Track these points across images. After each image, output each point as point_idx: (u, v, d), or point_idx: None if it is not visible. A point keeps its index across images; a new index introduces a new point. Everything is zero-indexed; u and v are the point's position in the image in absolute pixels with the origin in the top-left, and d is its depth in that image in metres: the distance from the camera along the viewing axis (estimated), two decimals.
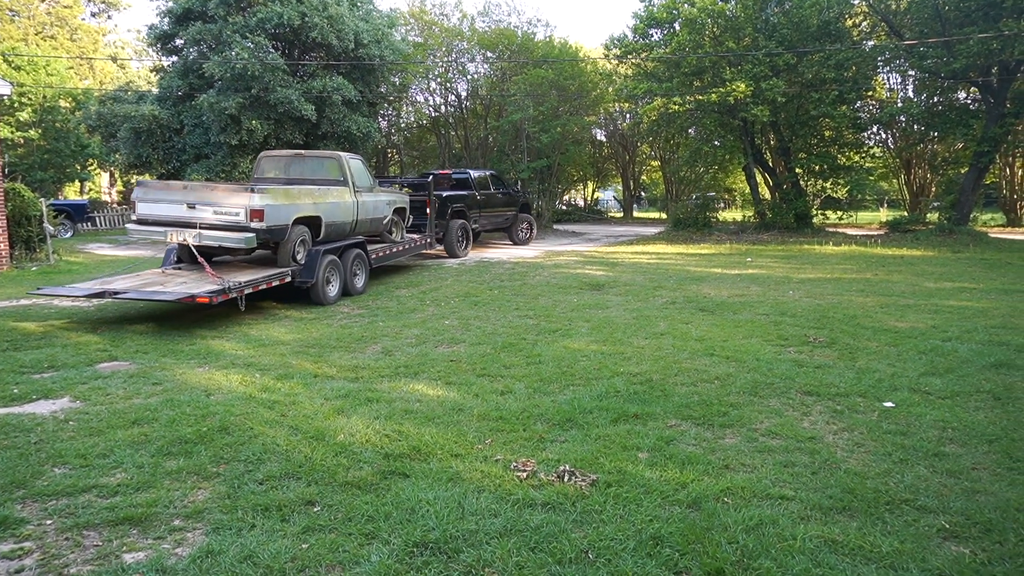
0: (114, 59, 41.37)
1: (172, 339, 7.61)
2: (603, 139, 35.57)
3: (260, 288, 8.77)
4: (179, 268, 9.73)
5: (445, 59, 27.76)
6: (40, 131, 27.26)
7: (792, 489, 3.77)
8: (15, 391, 5.68)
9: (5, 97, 17.16)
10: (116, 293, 8.19)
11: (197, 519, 3.47)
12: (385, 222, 12.26)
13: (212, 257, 9.72)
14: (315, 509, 3.55)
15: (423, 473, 3.97)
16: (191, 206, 8.96)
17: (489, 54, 27.80)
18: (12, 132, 26.31)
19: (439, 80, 28.39)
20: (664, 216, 33.48)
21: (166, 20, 20.15)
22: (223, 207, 8.82)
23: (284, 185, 10.57)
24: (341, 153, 11.40)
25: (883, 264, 14.65)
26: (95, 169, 33.98)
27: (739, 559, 3.02)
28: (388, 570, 2.93)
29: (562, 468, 3.97)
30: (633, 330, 8.01)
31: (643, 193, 45.96)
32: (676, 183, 33.54)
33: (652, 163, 37.77)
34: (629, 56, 23.84)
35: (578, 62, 26.98)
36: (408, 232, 13.80)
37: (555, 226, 27.61)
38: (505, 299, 10.30)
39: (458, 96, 29.33)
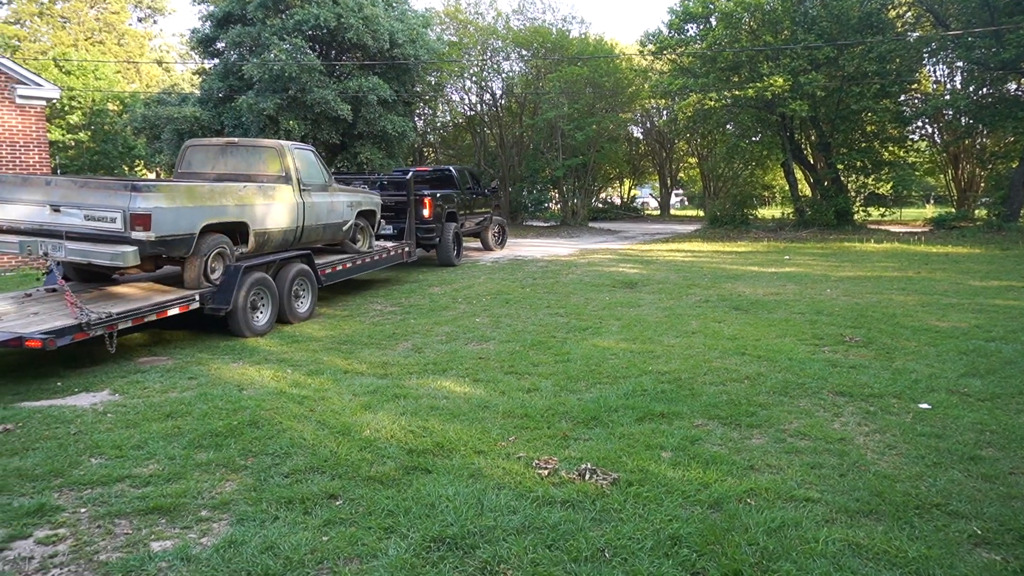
0: (159, 63, 42.47)
1: (209, 335, 7.79)
2: (639, 136, 35.30)
3: (145, 320, 6.71)
4: (54, 290, 7.37)
5: (480, 58, 27.83)
6: (89, 133, 28.11)
7: (818, 491, 3.70)
8: (59, 384, 5.88)
9: (55, 101, 17.77)
10: None
11: (223, 510, 3.55)
12: (346, 228, 10.10)
13: (113, 275, 7.97)
14: (337, 503, 3.60)
15: (445, 469, 4.00)
16: (55, 208, 6.86)
17: (524, 52, 27.78)
18: (63, 135, 27.18)
19: (474, 79, 28.47)
20: (701, 214, 33.08)
21: (208, 24, 20.60)
22: (96, 210, 6.72)
23: (210, 182, 8.24)
24: (284, 142, 9.11)
25: (926, 262, 14.24)
26: (141, 170, 34.99)
27: (758, 561, 2.98)
28: (404, 564, 2.96)
29: (584, 466, 3.96)
30: (664, 328, 7.93)
31: (680, 190, 45.47)
32: (713, 180, 33.10)
33: (689, 160, 37.34)
34: (664, 52, 23.61)
35: (613, 59, 26.80)
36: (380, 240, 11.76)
37: (590, 224, 27.50)
38: (537, 297, 10.30)
39: (493, 94, 29.38)
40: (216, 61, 21.68)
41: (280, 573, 2.91)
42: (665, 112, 31.57)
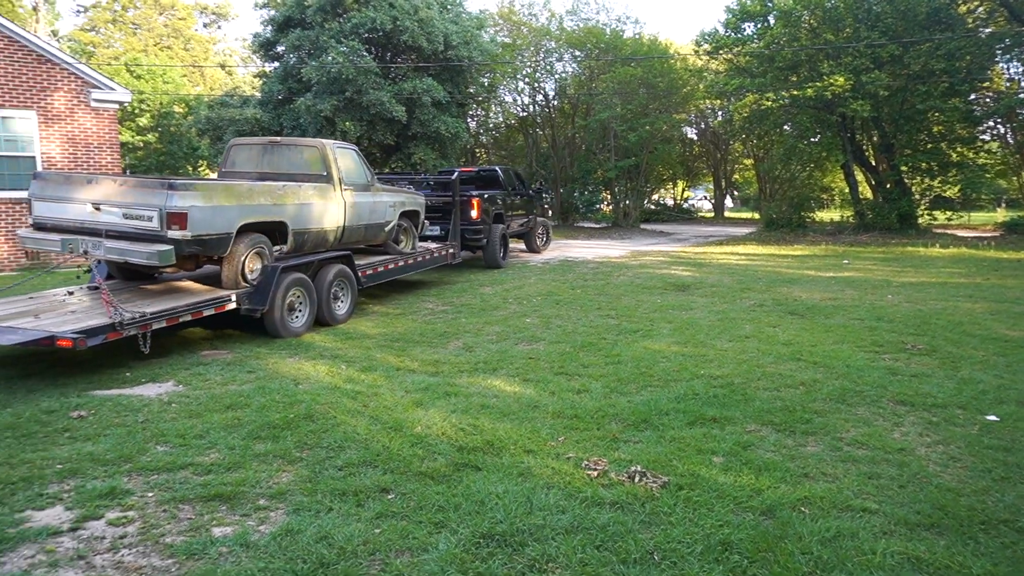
0: (222, 66, 43.87)
1: (266, 331, 8.00)
2: (693, 137, 34.81)
3: (180, 320, 6.69)
4: (96, 288, 7.20)
5: (533, 59, 27.87)
6: (157, 135, 29.25)
7: (876, 502, 3.60)
8: (128, 375, 6.15)
9: (127, 104, 18.55)
10: None
11: (280, 499, 3.66)
12: (388, 229, 9.95)
13: (155, 274, 7.96)
14: (389, 496, 3.68)
15: (495, 467, 4.04)
16: (96, 207, 6.87)
17: (577, 53, 27.71)
18: (133, 136, 28.34)
19: (527, 80, 28.54)
20: (757, 216, 32.41)
21: (269, 28, 21.23)
22: (134, 208, 6.70)
23: (252, 181, 8.22)
24: (326, 141, 8.97)
25: (996, 268, 13.64)
26: (204, 170, 36.21)
27: (811, 570, 2.92)
28: (454, 559, 3.01)
29: (633, 468, 3.95)
30: (717, 332, 7.82)
31: (735, 192, 44.63)
32: (770, 182, 32.37)
33: (745, 161, 36.63)
34: (720, 51, 23.23)
35: (667, 59, 26.50)
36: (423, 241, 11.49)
37: (642, 225, 27.24)
38: (587, 298, 10.27)
39: (546, 95, 29.39)
40: (276, 64, 22.32)
41: (334, 562, 2.99)
42: (720, 113, 31.06)
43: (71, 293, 7.46)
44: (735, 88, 21.78)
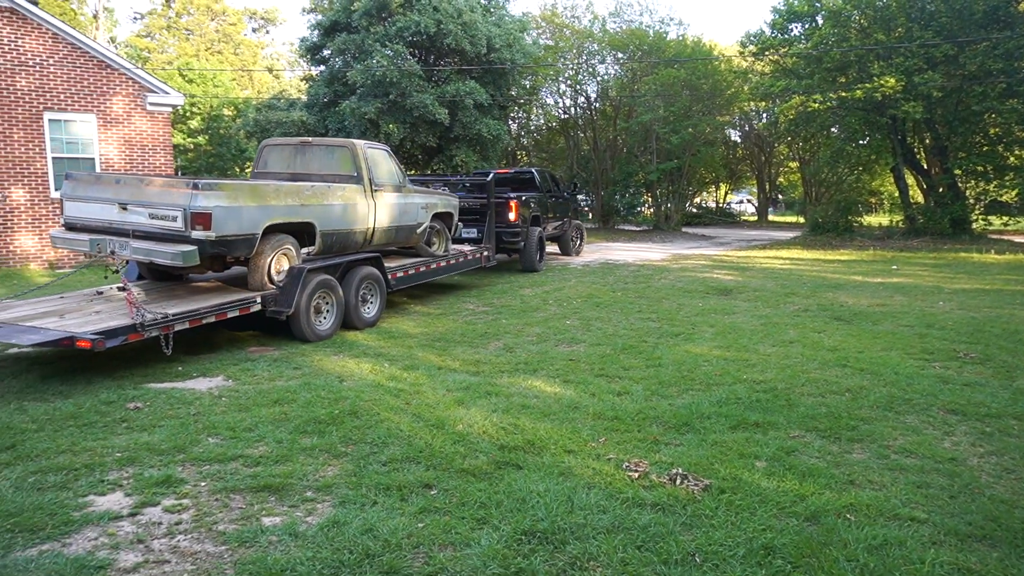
0: (270, 70, 44.88)
1: None
2: (737, 139, 34.34)
3: (204, 322, 6.60)
4: (124, 289, 6.87)
5: (575, 61, 27.85)
6: (207, 137, 30.06)
7: (925, 511, 3.52)
8: (179, 369, 6.36)
9: (179, 107, 19.13)
10: None
11: (326, 492, 3.76)
12: (420, 231, 9.76)
13: (183, 275, 7.94)
14: (432, 492, 3.74)
15: (536, 466, 4.07)
16: (123, 206, 6.84)
17: (620, 55, 27.59)
18: (184, 138, 29.18)
19: (569, 82, 28.52)
20: (801, 220, 31.80)
21: (316, 32, 21.66)
22: (159, 208, 6.66)
23: (283, 181, 8.18)
24: (356, 141, 8.81)
25: None
26: (251, 172, 37.02)
27: None
28: (496, 554, 3.05)
29: (675, 471, 3.94)
30: (760, 337, 7.72)
31: (779, 196, 43.84)
32: (815, 185, 31.74)
33: (790, 164, 35.97)
34: (766, 52, 22.88)
35: (711, 60, 26.20)
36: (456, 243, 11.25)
37: (684, 229, 26.98)
38: (628, 301, 10.24)
39: (587, 98, 29.33)
40: (322, 68, 22.76)
41: (379, 554, 3.06)
42: (765, 115, 30.57)
43: (100, 293, 7.51)
44: (781, 90, 21.43)
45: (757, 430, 4.71)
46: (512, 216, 12.85)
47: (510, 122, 27.32)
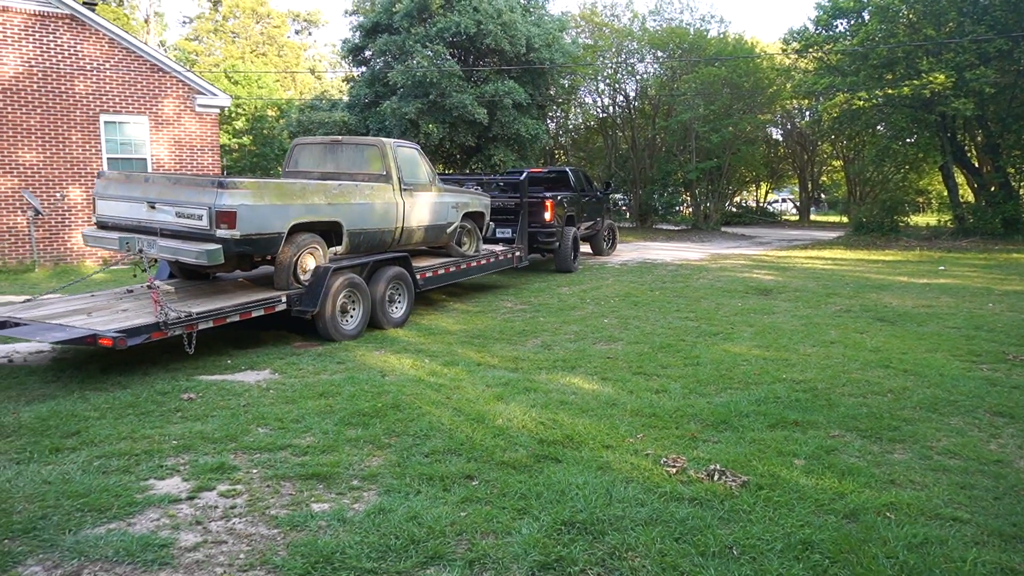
0: (312, 71, 45.68)
1: None
2: (779, 138, 33.80)
3: (228, 321, 6.58)
4: (154, 287, 6.58)
5: (614, 60, 27.75)
6: (251, 138, 30.77)
7: (968, 512, 3.50)
8: (229, 362, 6.59)
9: (226, 108, 19.65)
10: (16, 324, 6.22)
11: (371, 481, 3.89)
12: (451, 230, 9.66)
13: (210, 274, 7.95)
14: (473, 483, 3.85)
15: (574, 460, 4.15)
16: (152, 205, 6.83)
17: (659, 53, 27.41)
18: (229, 139, 29.92)
19: (608, 81, 28.43)
20: (845, 220, 31.17)
21: (357, 34, 22.01)
22: (186, 207, 6.65)
23: (318, 180, 8.19)
24: (386, 140, 8.75)
25: None
26: None
27: (896, 574, 2.89)
28: (537, 543, 3.14)
29: (712, 467, 3.98)
30: (800, 337, 7.66)
31: (822, 195, 42.99)
32: (860, 184, 31.05)
33: (834, 163, 35.26)
34: (810, 50, 22.48)
35: (753, 58, 25.86)
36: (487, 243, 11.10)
37: (723, 228, 26.69)
38: (666, 300, 10.23)
39: (626, 96, 29.20)
40: (363, 69, 23.12)
41: (424, 540, 3.18)
42: (808, 113, 30.04)
43: (130, 291, 7.59)
44: (824, 87, 21.05)
45: (796, 429, 4.71)
46: (548, 216, 12.72)
47: (548, 121, 27.35)
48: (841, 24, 21.91)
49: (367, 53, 22.24)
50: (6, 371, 6.25)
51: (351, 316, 7.71)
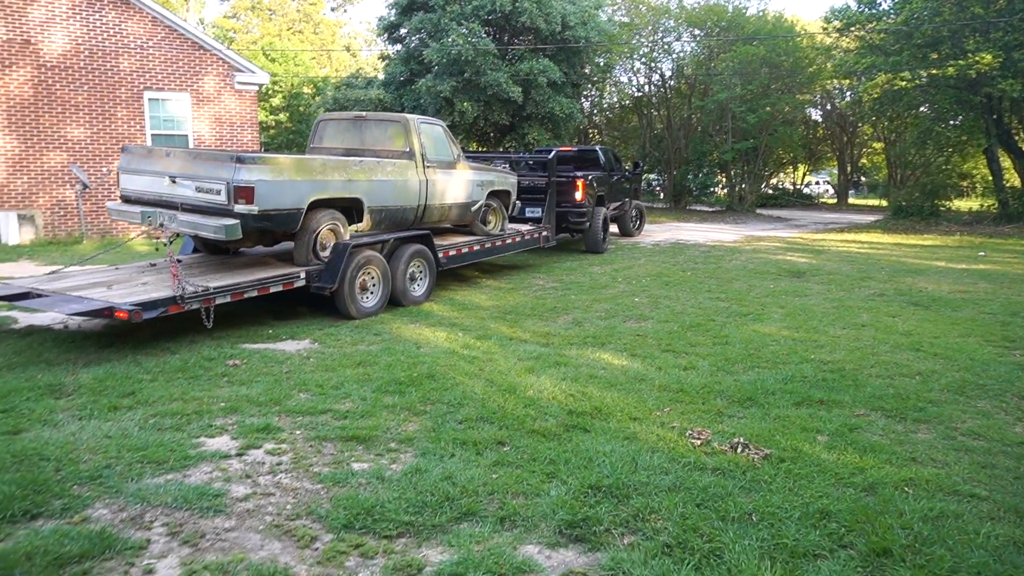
0: (347, 49, 45.90)
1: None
2: (818, 119, 33.15)
3: (246, 296, 6.65)
4: (178, 261, 6.77)
5: (650, 38, 27.43)
6: (287, 115, 31.16)
7: (986, 489, 3.58)
8: (271, 332, 6.87)
9: (264, 86, 19.96)
10: (39, 295, 6.38)
11: (408, 444, 4.10)
12: (475, 208, 9.57)
13: (231, 249, 8.01)
14: (504, 448, 4.03)
15: (602, 430, 4.31)
16: (173, 180, 6.87)
17: (696, 32, 27.02)
18: (266, 116, 30.36)
19: (643, 60, 28.14)
20: (884, 203, 30.56)
21: (393, 11, 22.09)
22: (205, 182, 6.65)
23: (341, 156, 8.19)
24: (410, 116, 8.70)
25: None
26: None
27: (910, 544, 3.00)
28: (564, 504, 3.31)
29: (736, 440, 4.10)
30: (831, 319, 7.68)
31: (862, 178, 42.10)
32: (901, 167, 30.37)
33: (874, 145, 34.48)
34: (852, 28, 21.95)
35: (792, 37, 25.34)
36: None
37: (758, 210, 26.39)
38: (697, 281, 10.27)
39: (662, 75, 28.88)
40: (399, 47, 23.23)
41: (458, 498, 3.37)
42: (849, 93, 29.39)
43: (153, 265, 7.67)
44: (865, 67, 20.58)
45: (821, 407, 4.80)
46: (579, 196, 12.59)
47: (583, 100, 27.20)
48: (885, 2, 21.36)
49: (402, 31, 22.32)
50: (64, 336, 6.60)
51: (370, 293, 7.72)
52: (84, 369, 5.46)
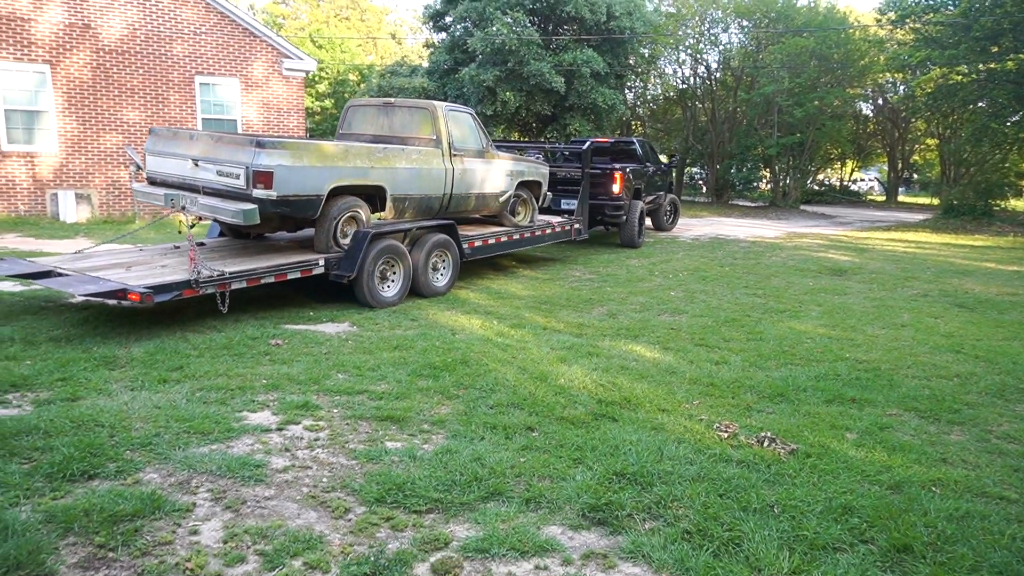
0: (393, 36, 46.24)
1: None
2: (869, 113, 32.33)
3: (262, 281, 6.64)
4: (201, 244, 7.11)
5: (697, 29, 27.05)
6: (333, 101, 31.61)
7: (1016, 492, 3.56)
8: (311, 314, 7.07)
9: (310, 72, 20.33)
10: (60, 274, 6.40)
11: (440, 426, 4.23)
12: (503, 199, 9.38)
13: (253, 233, 7.97)
14: (533, 434, 4.13)
15: (630, 420, 4.38)
16: (196, 163, 6.87)
17: (744, 23, 26.55)
18: (312, 102, 30.85)
19: (689, 51, 27.78)
20: (935, 202, 29.71)
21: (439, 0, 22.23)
22: (226, 166, 6.63)
23: (369, 142, 8.07)
24: (438, 103, 8.56)
25: None
26: None
27: (932, 541, 3.02)
28: (589, 488, 3.40)
29: (763, 434, 4.13)
30: (870, 319, 7.59)
31: (914, 175, 40.94)
32: (955, 165, 29.45)
33: (928, 141, 33.49)
34: (907, 20, 21.35)
35: (844, 29, 24.72)
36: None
37: (802, 207, 25.94)
38: (735, 276, 10.20)
39: (707, 67, 28.48)
40: (443, 35, 23.36)
41: (486, 479, 3.49)
42: (902, 87, 28.59)
43: (176, 247, 7.70)
44: (920, 60, 20.03)
45: (853, 405, 4.78)
46: (616, 188, 12.29)
47: (626, 91, 26.99)
48: None
49: (447, 19, 22.45)
50: (116, 311, 6.91)
51: (391, 283, 7.63)
52: (136, 343, 5.73)
